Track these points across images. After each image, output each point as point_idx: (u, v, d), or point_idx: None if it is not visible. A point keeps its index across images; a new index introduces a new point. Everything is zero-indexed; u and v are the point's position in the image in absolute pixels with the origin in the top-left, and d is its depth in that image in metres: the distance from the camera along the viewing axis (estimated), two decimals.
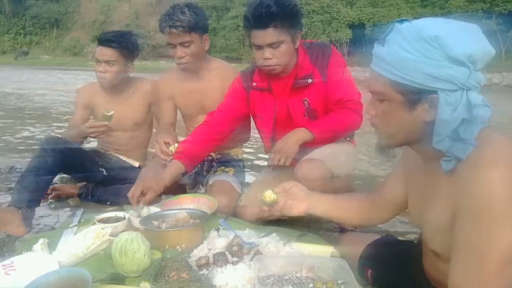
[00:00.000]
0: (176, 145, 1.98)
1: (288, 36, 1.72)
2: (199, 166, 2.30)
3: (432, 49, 0.85)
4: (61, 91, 11.02)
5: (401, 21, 0.92)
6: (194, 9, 2.03)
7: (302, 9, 1.87)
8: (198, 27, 2.04)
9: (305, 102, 1.83)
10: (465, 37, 0.86)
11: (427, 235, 1.05)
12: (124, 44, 2.28)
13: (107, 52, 2.25)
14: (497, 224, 0.80)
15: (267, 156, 2.05)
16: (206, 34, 2.14)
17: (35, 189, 1.96)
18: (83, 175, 2.35)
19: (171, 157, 1.95)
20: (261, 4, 1.67)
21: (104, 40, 2.26)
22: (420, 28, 0.87)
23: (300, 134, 1.77)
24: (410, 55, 0.87)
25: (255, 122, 2.06)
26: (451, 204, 0.90)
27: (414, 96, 0.90)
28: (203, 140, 1.97)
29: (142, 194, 1.74)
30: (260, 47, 1.73)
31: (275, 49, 1.72)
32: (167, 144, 2.00)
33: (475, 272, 0.83)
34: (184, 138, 2.39)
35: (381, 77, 0.93)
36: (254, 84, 1.91)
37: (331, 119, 1.81)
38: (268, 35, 1.69)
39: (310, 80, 1.80)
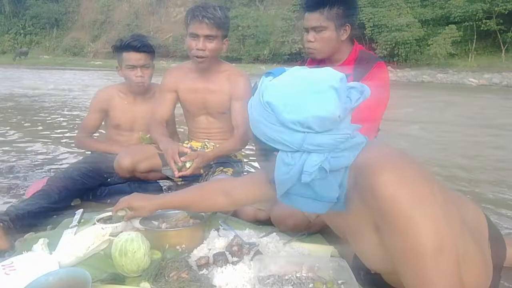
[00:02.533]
0: (192, 162, 1.94)
1: (332, 25, 1.81)
2: None
3: (267, 114, 0.91)
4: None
5: (267, 74, 0.97)
6: (224, 11, 2.14)
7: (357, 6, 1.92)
8: (224, 27, 2.13)
9: None
10: (301, 103, 0.88)
11: (376, 268, 1.08)
12: (152, 47, 2.41)
13: (142, 57, 2.34)
14: (410, 222, 0.83)
15: None
16: (226, 38, 2.19)
17: (31, 215, 1.88)
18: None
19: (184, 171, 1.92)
20: None
21: (136, 47, 2.33)
22: (262, 91, 0.93)
23: None
24: (256, 116, 0.95)
25: None
26: (372, 227, 0.94)
27: (265, 151, 0.97)
28: None
29: None
30: (306, 30, 1.87)
31: (318, 33, 1.83)
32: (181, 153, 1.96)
33: (415, 272, 0.85)
34: (184, 139, 2.39)
35: None
36: None
37: None
38: (314, 18, 1.82)
39: None
